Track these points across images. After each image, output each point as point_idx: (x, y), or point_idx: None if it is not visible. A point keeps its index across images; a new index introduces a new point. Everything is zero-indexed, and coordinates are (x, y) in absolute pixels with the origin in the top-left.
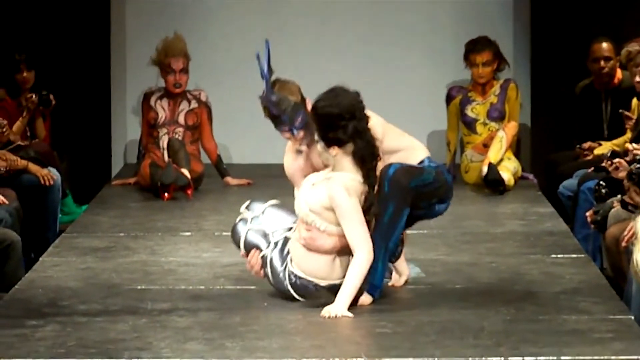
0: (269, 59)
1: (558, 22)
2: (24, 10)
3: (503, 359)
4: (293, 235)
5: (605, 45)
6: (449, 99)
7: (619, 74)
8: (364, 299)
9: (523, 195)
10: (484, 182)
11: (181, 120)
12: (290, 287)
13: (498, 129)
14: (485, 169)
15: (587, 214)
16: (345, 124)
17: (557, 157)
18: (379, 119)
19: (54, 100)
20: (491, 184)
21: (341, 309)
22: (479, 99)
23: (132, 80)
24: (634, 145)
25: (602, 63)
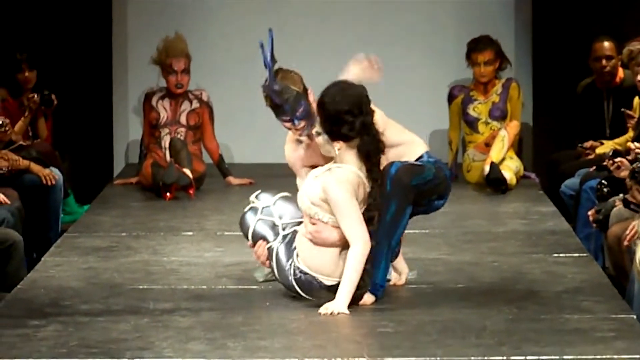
0: (272, 48)
1: (559, 21)
2: (25, 9)
3: (505, 358)
4: (300, 230)
5: (606, 44)
6: (451, 98)
7: (620, 73)
8: (366, 299)
9: (525, 194)
10: (485, 182)
11: (183, 120)
12: (294, 283)
13: (500, 128)
14: (487, 168)
15: (589, 213)
16: (353, 119)
17: (559, 156)
18: (380, 112)
19: (55, 100)
20: (493, 183)
21: (340, 306)
22: (480, 98)
23: (134, 80)
24: (636, 144)
25: (604, 62)
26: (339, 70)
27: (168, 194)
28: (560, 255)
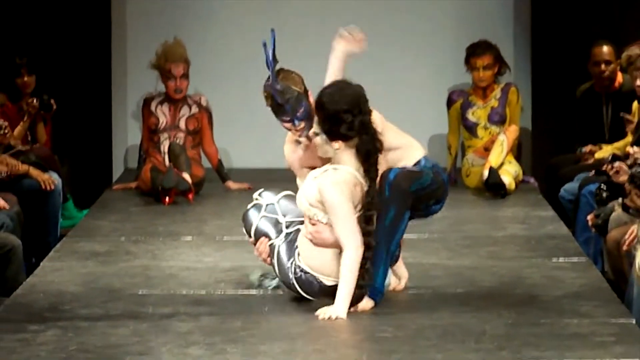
0: (274, 48)
1: (558, 26)
2: (25, 14)
3: None
4: (302, 230)
5: (605, 48)
6: (450, 102)
7: (619, 78)
8: (365, 304)
9: (524, 199)
10: (485, 186)
11: (182, 125)
12: (295, 281)
13: (499, 133)
14: (486, 173)
15: (588, 217)
16: (353, 118)
17: (558, 161)
18: (379, 115)
19: (54, 105)
20: (492, 188)
21: (339, 311)
22: (479, 103)
23: (133, 85)
24: (635, 148)
25: (603, 66)
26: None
27: (167, 199)
28: (560, 259)
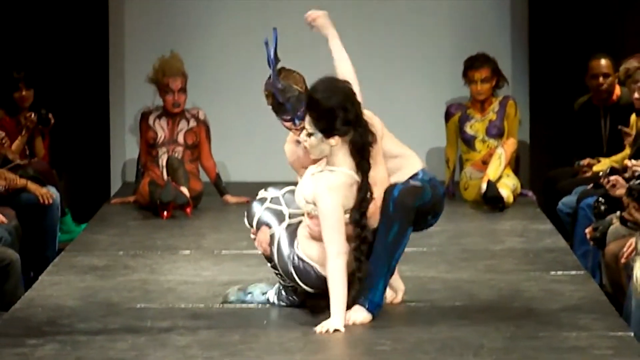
0: (276, 47)
1: (556, 39)
2: (22, 28)
3: None
4: (303, 221)
5: (603, 61)
6: (448, 116)
7: (617, 91)
8: (363, 318)
9: (522, 212)
10: (483, 199)
11: (180, 139)
12: (293, 270)
13: (497, 146)
14: (484, 186)
15: (587, 230)
16: (347, 112)
17: (556, 174)
18: (379, 120)
19: (52, 119)
20: (490, 201)
21: (336, 323)
22: (477, 116)
23: (131, 99)
24: (633, 161)
25: (601, 79)
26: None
27: (165, 213)
28: (558, 272)
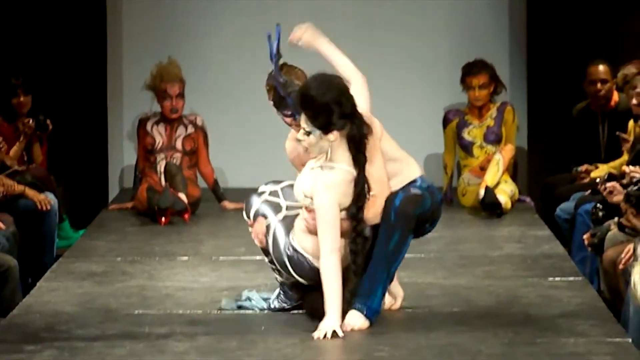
0: (279, 42)
1: (554, 45)
2: (20, 34)
3: None
4: (300, 213)
5: (601, 67)
6: (446, 122)
7: (615, 97)
8: (361, 324)
9: (520, 218)
10: (481, 206)
11: (178, 145)
12: (287, 260)
13: (495, 152)
14: (482, 192)
15: (584, 236)
16: (343, 106)
17: (554, 180)
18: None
19: (50, 125)
20: (488, 207)
21: (332, 323)
22: (475, 122)
23: (129, 105)
24: (631, 167)
25: (599, 85)
26: None
27: (163, 219)
28: (556, 278)
